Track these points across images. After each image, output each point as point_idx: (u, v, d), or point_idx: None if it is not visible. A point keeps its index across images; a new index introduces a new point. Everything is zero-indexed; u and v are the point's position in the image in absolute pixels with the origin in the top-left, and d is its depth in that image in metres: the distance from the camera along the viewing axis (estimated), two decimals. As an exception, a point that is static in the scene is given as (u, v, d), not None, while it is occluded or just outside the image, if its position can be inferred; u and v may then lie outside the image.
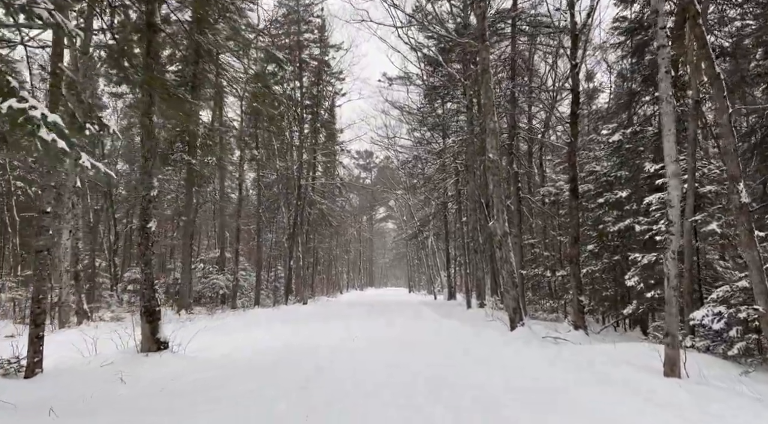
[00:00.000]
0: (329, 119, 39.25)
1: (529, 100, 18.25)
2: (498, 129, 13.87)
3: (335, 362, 8.43)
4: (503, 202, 13.57)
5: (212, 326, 15.49)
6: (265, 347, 9.80)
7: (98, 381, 7.02)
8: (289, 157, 32.25)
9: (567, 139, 20.84)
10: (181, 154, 20.76)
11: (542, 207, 19.05)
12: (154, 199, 8.37)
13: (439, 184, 28.25)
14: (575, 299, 13.37)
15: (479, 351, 10.35)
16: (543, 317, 19.01)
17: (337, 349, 9.82)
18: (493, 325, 15.25)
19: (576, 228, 13.39)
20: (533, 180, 24.17)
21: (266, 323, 16.81)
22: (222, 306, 28.11)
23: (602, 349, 9.60)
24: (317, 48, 37.22)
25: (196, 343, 10.59)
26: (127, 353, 8.43)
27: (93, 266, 25.66)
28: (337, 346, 10.31)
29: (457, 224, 31.17)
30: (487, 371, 7.95)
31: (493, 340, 12.00)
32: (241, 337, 12.05)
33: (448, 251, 33.84)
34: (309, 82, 38.00)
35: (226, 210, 30.26)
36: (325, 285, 57.02)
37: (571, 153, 13.71)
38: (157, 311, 8.61)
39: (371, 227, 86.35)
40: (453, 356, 9.73)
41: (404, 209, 61.35)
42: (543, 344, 11.57)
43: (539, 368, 8.13)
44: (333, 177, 40.33)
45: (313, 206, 36.31)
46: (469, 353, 10.08)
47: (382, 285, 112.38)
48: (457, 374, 7.70)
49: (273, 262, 40.14)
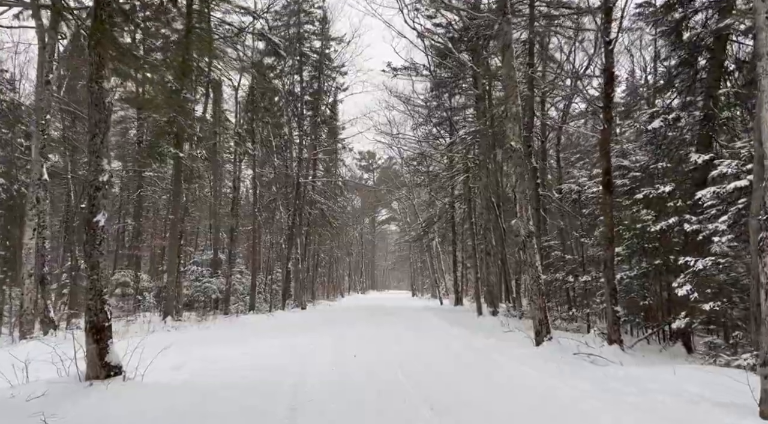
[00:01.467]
0: (331, 115, 37.55)
1: (551, 85, 16.48)
2: (521, 114, 12.10)
3: (319, 403, 6.46)
4: (527, 198, 11.81)
5: (192, 338, 13.72)
6: (238, 376, 7.94)
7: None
8: (288, 154, 30.49)
9: (588, 132, 19.11)
10: (167, 146, 19.02)
11: (562, 206, 17.27)
12: (105, 185, 6.61)
13: (446, 183, 26.47)
14: (609, 308, 11.57)
15: (505, 374, 8.57)
16: (563, 326, 17.22)
17: (327, 379, 7.91)
18: (512, 337, 13.44)
19: (610, 227, 11.60)
20: (547, 177, 22.41)
21: (254, 333, 15.01)
22: (215, 311, 26.36)
23: (658, 375, 7.82)
24: (318, 40, 35.54)
25: (165, 360, 8.83)
26: (67, 382, 6.66)
27: (75, 268, 23.92)
28: (328, 374, 8.40)
29: (465, 225, 29.42)
30: (527, 411, 6.17)
31: (518, 358, 10.20)
32: (218, 354, 10.25)
33: (455, 254, 32.07)
34: (309, 76, 36.32)
35: (221, 209, 28.54)
36: (326, 288, 55.29)
37: (604, 142, 11.93)
38: (107, 328, 6.85)
39: (373, 229, 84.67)
40: (474, 381, 7.95)
41: (408, 211, 59.63)
42: (578, 363, 9.78)
43: (589, 404, 6.33)
44: (334, 176, 38.62)
45: (313, 206, 34.57)
46: (492, 378, 8.31)
47: (384, 288, 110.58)
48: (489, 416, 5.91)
49: (272, 264, 38.42)
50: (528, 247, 11.60)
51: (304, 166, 30.86)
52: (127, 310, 25.24)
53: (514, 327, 16.66)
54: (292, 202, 29.40)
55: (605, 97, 12.13)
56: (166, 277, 21.03)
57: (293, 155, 30.79)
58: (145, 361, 7.67)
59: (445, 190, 30.88)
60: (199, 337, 14.47)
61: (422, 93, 28.67)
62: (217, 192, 25.52)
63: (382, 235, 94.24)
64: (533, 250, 11.63)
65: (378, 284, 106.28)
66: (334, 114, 37.36)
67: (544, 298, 11.65)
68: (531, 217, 11.74)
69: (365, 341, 12.79)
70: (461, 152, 21.01)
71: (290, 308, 29.39)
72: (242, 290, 30.55)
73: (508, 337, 13.56)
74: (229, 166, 30.18)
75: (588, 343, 11.99)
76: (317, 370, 8.72)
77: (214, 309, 27.05)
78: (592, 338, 12.75)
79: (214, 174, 24.57)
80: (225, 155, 25.86)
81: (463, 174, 22.57)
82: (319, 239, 41.56)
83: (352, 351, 11.00)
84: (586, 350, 11.05)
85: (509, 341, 12.49)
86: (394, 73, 23.56)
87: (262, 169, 35.58)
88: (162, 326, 18.14)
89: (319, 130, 35.48)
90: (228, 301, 24.98)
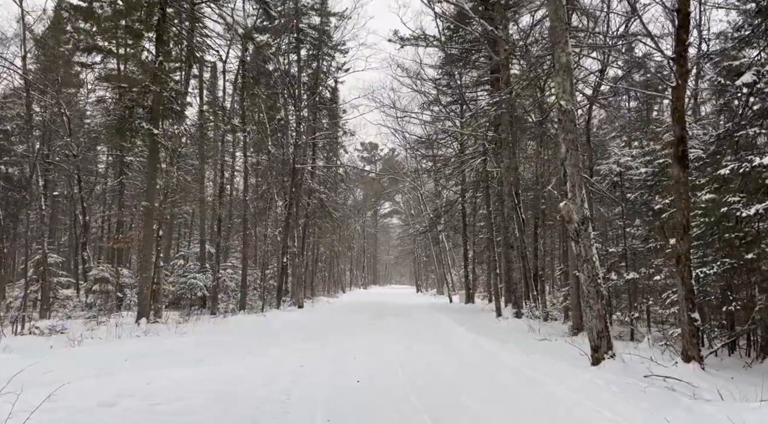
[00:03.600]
0: (331, 97, 34.82)
1: (589, 46, 13.70)
2: (571, 65, 9.40)
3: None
4: (581, 173, 9.14)
5: (157, 349, 11.11)
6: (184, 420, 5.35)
7: None
8: (285, 140, 27.73)
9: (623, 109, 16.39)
10: (140, 122, 16.35)
11: (603, 190, 14.59)
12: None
13: (458, 169, 23.72)
14: (684, 315, 8.92)
15: (575, 420, 5.94)
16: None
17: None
18: (555, 350, 10.82)
19: (686, 212, 8.94)
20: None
21: (234, 343, 12.34)
22: (201, 310, 23.77)
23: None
24: (317, 16, 32.74)
25: (95, 391, 6.23)
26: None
27: (44, 263, 21.30)
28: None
29: (479, 215, 26.72)
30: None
31: (578, 387, 7.55)
32: (170, 380, 7.56)
33: (466, 247, 29.40)
34: (307, 55, 33.55)
35: (210, 196, 25.89)
36: (327, 283, 52.73)
37: (677, 102, 9.24)
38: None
39: (376, 222, 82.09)
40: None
41: (412, 203, 56.99)
42: (658, 397, 7.16)
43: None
44: (334, 164, 35.91)
45: (312, 196, 31.89)
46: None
47: (386, 283, 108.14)
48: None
49: (268, 259, 35.77)
50: (582, 236, 8.94)
51: (301, 150, 28.14)
52: (105, 309, 22.65)
53: (547, 334, 14.06)
54: (288, 190, 26.74)
55: (677, 42, 9.41)
56: (140, 272, 18.43)
57: (290, 141, 28.07)
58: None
59: (456, 178, 28.22)
60: (167, 348, 11.87)
61: (431, 69, 25.89)
62: (203, 176, 22.80)
63: (384, 228, 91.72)
64: (588, 240, 8.97)
65: (380, 279, 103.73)
66: (335, 96, 34.60)
67: (604, 303, 8.99)
68: (585, 198, 9.07)
69: (374, 359, 10.11)
70: (481, 128, 18.24)
71: (286, 307, 26.79)
72: (234, 287, 27.97)
73: (549, 350, 10.93)
74: (218, 146, 27.50)
75: (655, 359, 9.39)
76: (309, 412, 6.07)
77: (200, 308, 24.48)
78: (659, 352, 10.15)
79: (200, 156, 21.89)
80: (210, 134, 23.11)
81: (479, 157, 19.86)
82: (319, 232, 38.93)
83: (355, 370, 8.39)
84: (661, 372, 8.45)
85: (554, 356, 9.85)
86: (402, 44, 20.81)
87: (257, 155, 32.92)
88: (133, 329, 15.57)
89: (318, 113, 32.78)
90: (215, 299, 22.40)
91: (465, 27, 20.55)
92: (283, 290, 28.24)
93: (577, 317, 14.34)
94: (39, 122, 29.04)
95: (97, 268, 24.91)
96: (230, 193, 31.81)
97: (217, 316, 21.27)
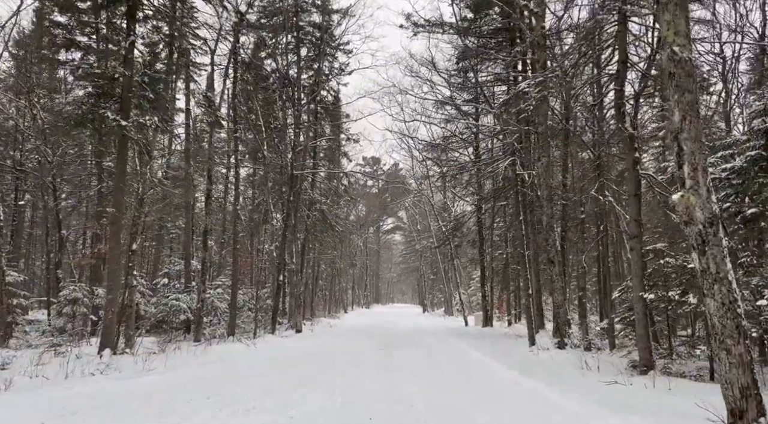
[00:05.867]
0: (333, 101, 32.10)
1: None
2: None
3: None
4: (704, 152, 6.27)
5: (91, 403, 8.02)
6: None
7: None
8: (283, 147, 24.84)
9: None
10: (105, 111, 13.53)
11: (671, 191, 11.72)
12: None
13: (483, 172, 20.76)
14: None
15: None
16: (669, 368, 11.59)
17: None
18: (646, 403, 7.79)
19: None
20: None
21: (204, 392, 9.18)
22: (185, 336, 20.73)
23: None
24: (318, 13, 30.18)
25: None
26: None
27: (1, 282, 18.32)
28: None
29: (499, 224, 23.80)
30: None
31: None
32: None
33: (483, 264, 26.41)
34: (307, 56, 30.93)
35: (200, 202, 23.01)
36: (327, 303, 49.57)
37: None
38: None
39: (378, 238, 79.15)
40: None
41: (418, 218, 54.10)
42: None
43: None
44: (336, 168, 33.04)
45: (312, 207, 28.97)
46: None
47: (389, 301, 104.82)
48: None
49: (265, 277, 32.76)
50: (711, 244, 6.05)
51: (300, 156, 25.30)
52: (75, 335, 19.62)
53: (607, 372, 11.06)
54: (286, 200, 23.86)
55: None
56: (105, 293, 15.42)
57: (288, 146, 25.23)
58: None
59: (472, 186, 25.37)
60: (116, 395, 8.87)
61: (445, 65, 23.17)
62: (189, 183, 19.91)
63: (387, 245, 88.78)
64: (720, 250, 6.08)
65: (382, 297, 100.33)
66: (337, 99, 31.90)
67: (748, 344, 5.99)
68: (711, 187, 6.18)
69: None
70: (511, 121, 15.30)
71: (282, 331, 23.71)
72: (224, 308, 24.91)
73: (641, 401, 7.90)
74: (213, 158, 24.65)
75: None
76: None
77: (185, 332, 21.44)
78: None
79: (186, 158, 19.03)
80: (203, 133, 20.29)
81: (506, 158, 16.98)
82: (320, 247, 35.96)
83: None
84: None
85: (661, 419, 6.83)
86: (415, 30, 18.15)
87: (252, 162, 30.08)
88: (92, 364, 12.57)
89: (319, 116, 30.05)
90: (200, 323, 19.32)
91: (487, 10, 17.91)
92: (279, 311, 25.19)
93: (646, 351, 11.35)
94: (12, 127, 26.49)
95: (70, 287, 21.93)
96: (224, 202, 28.99)
97: (201, 343, 18.25)
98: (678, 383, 9.85)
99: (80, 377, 11.22)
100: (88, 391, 9.53)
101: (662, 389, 9.15)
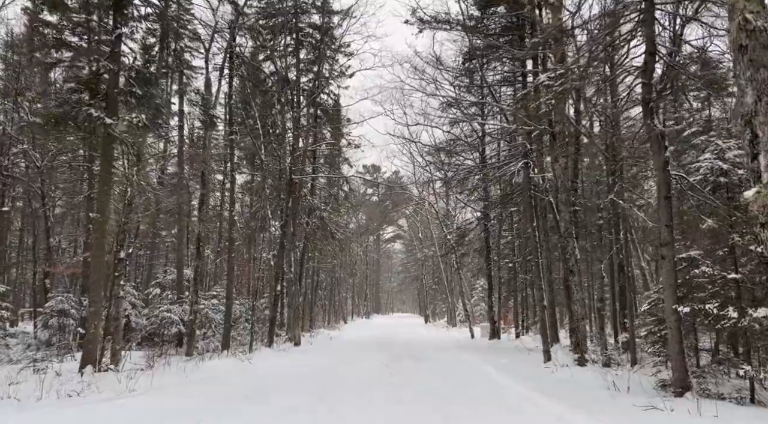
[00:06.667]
0: (334, 105, 31.14)
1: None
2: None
3: None
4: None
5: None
6: None
7: None
8: (282, 152, 23.80)
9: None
10: (89, 109, 12.51)
11: (706, 194, 10.69)
12: None
13: (491, 176, 19.74)
14: None
15: None
16: (707, 389, 10.47)
17: None
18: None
19: None
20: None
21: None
22: (176, 350, 19.60)
23: None
24: (318, 14, 29.29)
25: None
26: None
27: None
28: None
29: (506, 232, 22.77)
30: None
31: None
32: None
33: (490, 274, 25.33)
34: (307, 59, 30.03)
35: (191, 210, 21.95)
36: (327, 313, 48.39)
37: None
38: None
39: (378, 247, 78.05)
40: None
41: (419, 226, 53.08)
42: None
43: None
44: (335, 179, 32.02)
45: (312, 214, 27.90)
46: None
47: (389, 311, 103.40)
48: None
49: (263, 286, 31.63)
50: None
51: (299, 161, 24.28)
52: (60, 349, 18.50)
53: (638, 393, 9.97)
54: (284, 207, 22.81)
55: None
56: (87, 305, 14.30)
57: (286, 151, 24.20)
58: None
59: (478, 192, 24.36)
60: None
61: (449, 69, 22.21)
62: (181, 184, 18.84)
63: (387, 254, 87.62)
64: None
65: (382, 307, 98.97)
66: (337, 102, 30.95)
67: None
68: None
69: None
70: (530, 121, 14.27)
71: (280, 344, 22.56)
72: (219, 320, 23.77)
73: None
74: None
75: None
76: None
77: (177, 346, 20.31)
78: None
79: (179, 161, 17.98)
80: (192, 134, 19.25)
81: (518, 160, 15.96)
82: (320, 256, 34.87)
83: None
84: None
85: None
86: (421, 27, 17.19)
87: (250, 168, 29.07)
88: (70, 383, 11.45)
89: (319, 121, 29.08)
90: (192, 336, 18.19)
91: (494, 7, 16.99)
92: (277, 322, 24.06)
93: (681, 370, 10.24)
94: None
95: (57, 298, 20.82)
96: (220, 209, 27.93)
97: (194, 358, 17.12)
98: (723, 407, 8.76)
99: (53, 402, 10.10)
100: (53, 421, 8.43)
101: (709, 417, 8.07)
